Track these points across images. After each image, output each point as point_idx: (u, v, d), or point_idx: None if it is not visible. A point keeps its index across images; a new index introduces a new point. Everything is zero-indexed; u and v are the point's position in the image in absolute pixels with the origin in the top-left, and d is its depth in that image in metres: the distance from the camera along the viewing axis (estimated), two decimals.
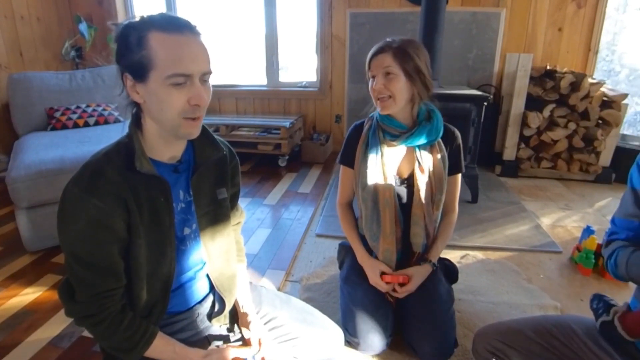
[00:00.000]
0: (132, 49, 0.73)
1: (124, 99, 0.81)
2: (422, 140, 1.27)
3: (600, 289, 1.70)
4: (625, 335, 0.84)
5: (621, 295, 1.64)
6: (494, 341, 1.00)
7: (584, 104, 2.83)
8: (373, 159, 1.31)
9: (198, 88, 0.77)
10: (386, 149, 1.31)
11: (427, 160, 1.29)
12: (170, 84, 0.74)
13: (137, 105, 0.81)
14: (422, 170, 1.28)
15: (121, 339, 0.80)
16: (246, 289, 1.05)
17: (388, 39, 1.23)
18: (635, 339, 0.84)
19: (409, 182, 1.32)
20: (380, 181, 1.30)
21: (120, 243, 0.79)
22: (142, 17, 0.76)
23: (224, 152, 0.96)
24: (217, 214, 0.95)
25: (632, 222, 0.88)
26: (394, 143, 1.29)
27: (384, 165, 1.30)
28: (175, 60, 0.73)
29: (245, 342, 0.98)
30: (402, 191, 1.32)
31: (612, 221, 0.94)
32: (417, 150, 1.29)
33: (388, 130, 1.29)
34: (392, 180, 1.30)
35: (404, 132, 1.27)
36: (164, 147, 0.85)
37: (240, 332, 1.01)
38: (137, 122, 0.83)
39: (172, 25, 0.74)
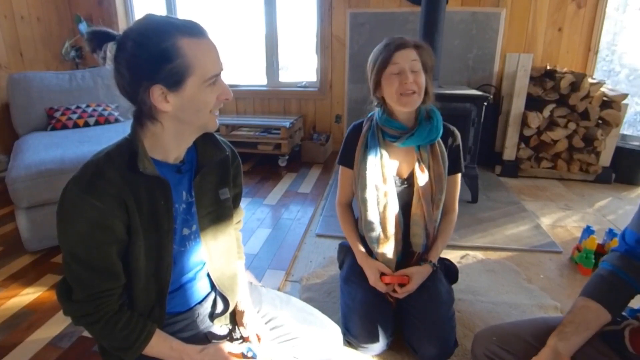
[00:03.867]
0: (162, 60, 0.72)
1: (125, 101, 0.80)
2: (422, 141, 1.26)
3: None
4: (630, 348, 0.84)
5: None
6: (492, 345, 0.98)
7: (584, 104, 2.83)
8: (372, 160, 1.30)
9: (224, 84, 0.81)
10: (385, 150, 1.31)
11: (426, 160, 1.29)
12: (206, 86, 0.77)
13: (142, 107, 0.78)
14: (422, 170, 1.28)
15: (118, 338, 0.80)
16: (244, 286, 1.05)
17: (397, 37, 1.22)
18: (638, 355, 0.84)
19: (409, 182, 1.32)
20: (380, 182, 1.29)
21: (120, 244, 0.78)
22: (142, 27, 0.73)
23: (227, 153, 0.95)
24: (219, 215, 0.95)
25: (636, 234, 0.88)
26: (394, 144, 1.29)
27: (384, 167, 1.29)
28: (210, 62, 0.77)
29: (244, 341, 0.98)
30: (402, 191, 1.32)
31: (622, 233, 0.94)
32: (416, 150, 1.29)
33: (388, 132, 1.29)
34: (392, 180, 1.30)
35: (404, 133, 1.26)
36: (175, 147, 0.84)
37: (239, 331, 1.01)
38: (139, 123, 0.81)
39: (195, 29, 0.76)
